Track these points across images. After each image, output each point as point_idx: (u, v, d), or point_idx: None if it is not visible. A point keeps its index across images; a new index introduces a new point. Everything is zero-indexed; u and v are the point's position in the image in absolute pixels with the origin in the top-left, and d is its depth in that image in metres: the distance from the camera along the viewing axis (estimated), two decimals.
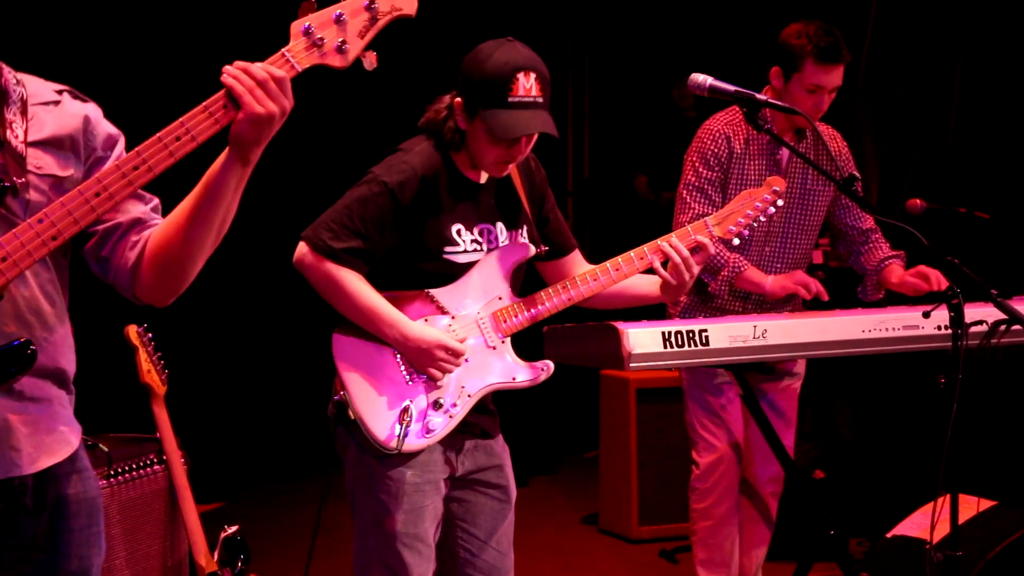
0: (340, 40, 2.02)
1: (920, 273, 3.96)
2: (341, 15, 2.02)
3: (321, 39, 2.01)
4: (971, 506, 3.87)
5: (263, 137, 2.00)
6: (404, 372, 2.95)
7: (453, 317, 3.00)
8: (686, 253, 3.02)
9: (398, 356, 2.95)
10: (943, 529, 3.40)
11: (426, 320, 2.96)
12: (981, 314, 3.35)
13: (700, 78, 3.26)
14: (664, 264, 3.05)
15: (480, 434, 3.08)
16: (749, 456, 4.29)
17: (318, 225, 2.94)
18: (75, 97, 2.18)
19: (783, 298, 4.09)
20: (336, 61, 2.04)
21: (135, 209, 2.16)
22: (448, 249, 2.98)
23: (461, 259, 3.00)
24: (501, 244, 3.06)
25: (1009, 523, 3.89)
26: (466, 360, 2.97)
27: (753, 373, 4.09)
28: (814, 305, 4.04)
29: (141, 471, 3.85)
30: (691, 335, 3.58)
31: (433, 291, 2.99)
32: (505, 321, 3.03)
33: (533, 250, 3.10)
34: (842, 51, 3.92)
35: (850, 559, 4.18)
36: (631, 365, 3.52)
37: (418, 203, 2.93)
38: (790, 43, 3.94)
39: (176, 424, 3.91)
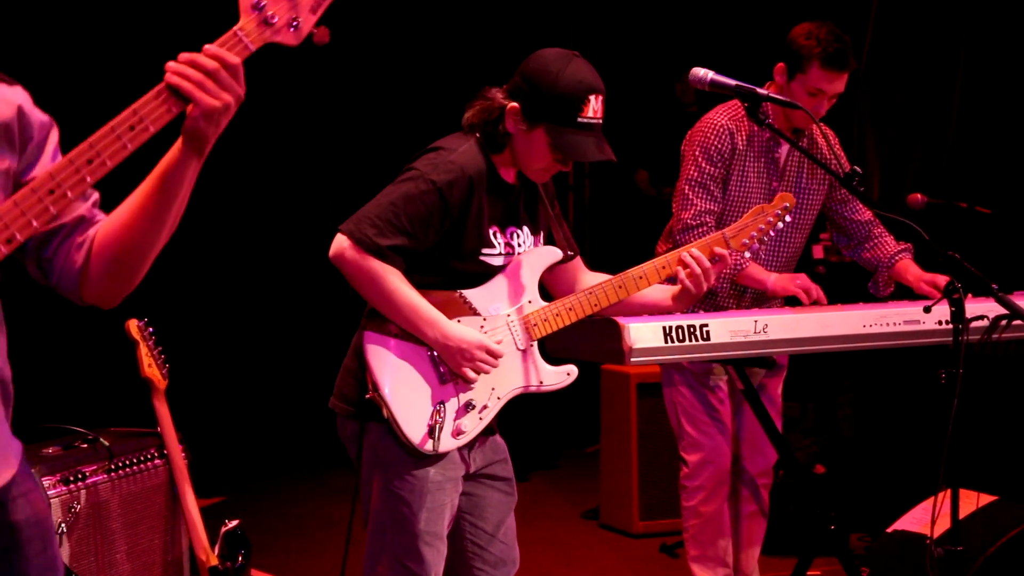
0: (292, 16, 1.91)
1: (935, 283, 3.95)
2: None
3: (272, 15, 1.89)
4: (972, 501, 3.87)
5: (218, 128, 1.90)
6: (438, 373, 2.95)
7: (485, 319, 3.00)
8: (707, 264, 3.05)
9: (432, 356, 2.94)
10: (944, 524, 3.40)
11: (459, 321, 2.96)
12: (982, 309, 3.35)
13: (701, 72, 3.26)
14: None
15: (489, 430, 3.10)
16: (740, 451, 4.30)
17: (361, 220, 2.89)
18: (2, 80, 2.02)
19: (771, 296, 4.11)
20: (289, 38, 1.92)
21: (79, 207, 2.03)
22: (485, 251, 2.99)
23: (495, 261, 3.01)
24: (527, 247, 3.08)
25: (1010, 518, 3.88)
26: None
27: (754, 368, 4.09)
28: (814, 302, 4.04)
29: (142, 465, 3.86)
30: (692, 330, 3.59)
31: (465, 292, 2.99)
32: (536, 325, 3.04)
33: (560, 255, 3.13)
34: (849, 59, 3.90)
35: (850, 554, 4.18)
36: (632, 360, 3.53)
37: (463, 204, 2.92)
38: (799, 43, 3.92)
39: (177, 418, 3.92)
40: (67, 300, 2.08)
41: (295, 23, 1.91)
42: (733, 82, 3.26)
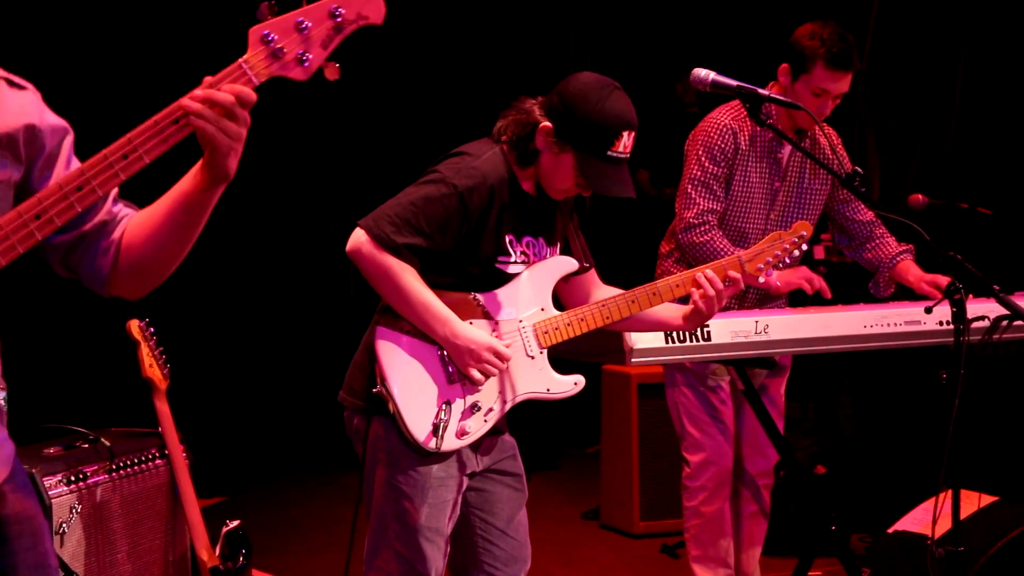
0: (301, 51, 1.84)
1: (936, 283, 3.96)
2: (303, 22, 1.84)
3: (281, 48, 1.83)
4: (973, 501, 3.87)
5: (237, 156, 1.88)
6: (447, 372, 2.96)
7: (497, 323, 3.02)
8: (720, 286, 3.06)
9: (442, 355, 2.95)
10: (945, 524, 3.40)
11: (471, 323, 2.97)
12: (983, 310, 3.35)
13: (702, 73, 3.26)
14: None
15: (497, 431, 3.11)
16: (741, 451, 4.30)
17: (380, 217, 2.92)
18: (11, 85, 1.98)
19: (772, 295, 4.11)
20: (297, 73, 1.86)
21: (99, 211, 2.02)
22: (500, 258, 3.01)
23: (510, 269, 3.03)
24: (542, 257, 3.10)
25: (1011, 518, 3.88)
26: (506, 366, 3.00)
27: (754, 368, 4.09)
28: (815, 300, 4.05)
29: (143, 465, 3.85)
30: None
31: (479, 295, 3.01)
32: (546, 332, 3.06)
33: (576, 266, 3.15)
34: (853, 59, 3.90)
35: (851, 554, 4.18)
36: (633, 360, 3.53)
37: (483, 211, 2.95)
38: (802, 43, 3.92)
39: (178, 418, 3.92)
40: (66, 302, 2.09)
41: (304, 58, 1.86)
42: (734, 83, 3.26)
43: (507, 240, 3.01)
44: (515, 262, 3.03)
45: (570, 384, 3.10)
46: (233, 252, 6.95)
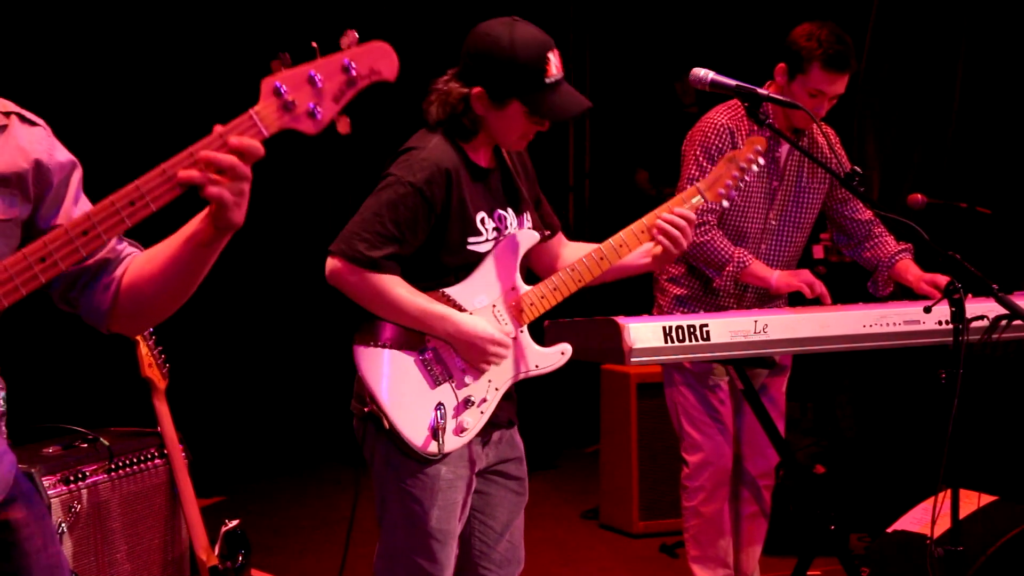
0: (312, 104, 1.84)
1: (935, 283, 3.96)
2: (316, 76, 1.84)
3: (292, 102, 1.84)
4: (972, 501, 3.87)
5: (242, 208, 1.87)
6: (431, 375, 2.95)
7: (471, 313, 3.00)
8: (682, 223, 3.04)
9: (423, 360, 2.94)
10: (944, 524, 3.40)
11: None
12: (982, 309, 3.35)
13: (701, 72, 3.26)
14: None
15: (507, 423, 3.10)
16: (741, 451, 4.30)
17: (349, 237, 2.89)
18: (23, 121, 1.99)
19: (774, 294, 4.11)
20: (307, 127, 1.86)
21: (102, 248, 2.00)
22: (471, 239, 2.98)
23: (482, 248, 3.00)
24: (512, 229, 3.07)
25: (1010, 518, 3.88)
26: None
27: (755, 368, 4.09)
28: (814, 301, 4.05)
29: (142, 465, 3.85)
30: (692, 330, 3.58)
31: (448, 290, 2.99)
32: (523, 310, 3.03)
33: (538, 237, 3.12)
34: (850, 60, 3.90)
35: (851, 554, 4.18)
36: (632, 360, 3.52)
37: (445, 197, 2.93)
38: (800, 44, 3.92)
39: (177, 418, 3.92)
40: None
41: (316, 112, 1.85)
42: (733, 82, 3.26)
43: (478, 219, 2.98)
44: (488, 240, 3.00)
45: (557, 355, 3.07)
46: (232, 252, 6.95)
